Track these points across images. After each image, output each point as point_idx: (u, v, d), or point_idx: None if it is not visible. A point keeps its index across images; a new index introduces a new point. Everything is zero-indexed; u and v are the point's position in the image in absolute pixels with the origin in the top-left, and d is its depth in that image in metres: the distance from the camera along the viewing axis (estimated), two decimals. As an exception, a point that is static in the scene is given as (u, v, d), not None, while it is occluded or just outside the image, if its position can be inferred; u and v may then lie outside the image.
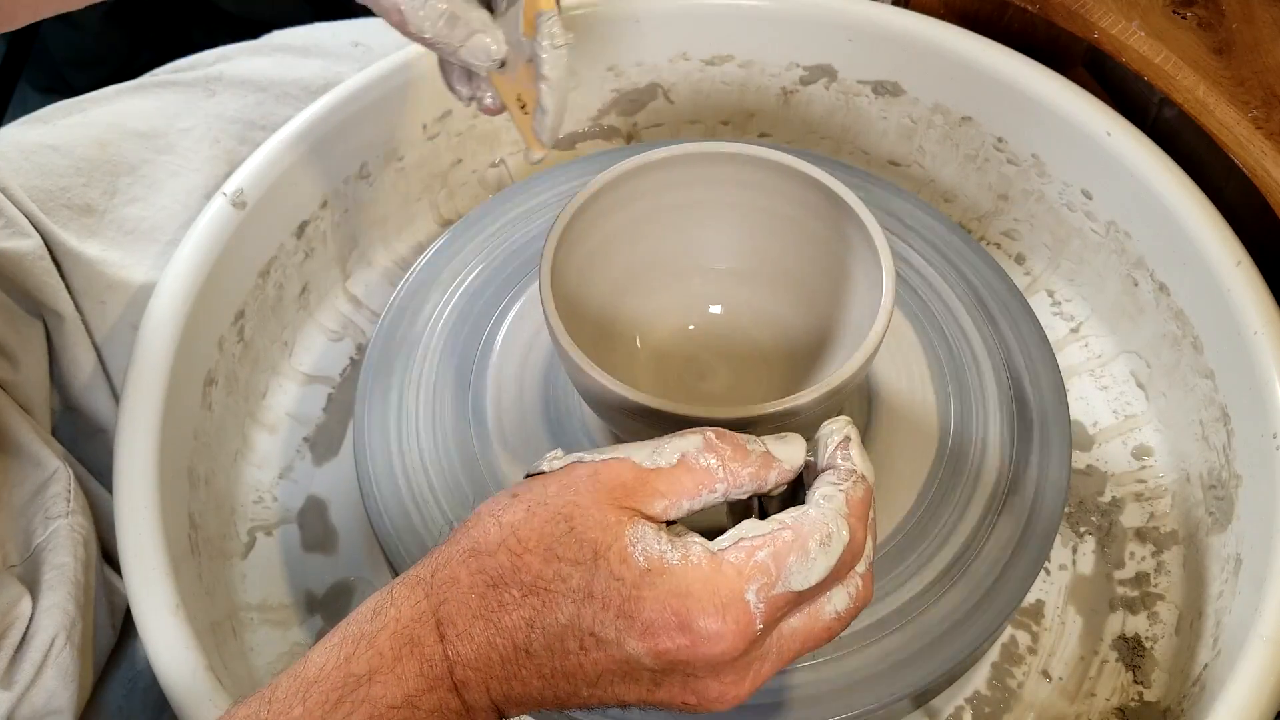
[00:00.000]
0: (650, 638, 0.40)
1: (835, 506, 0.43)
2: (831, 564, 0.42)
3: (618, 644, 0.41)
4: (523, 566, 0.41)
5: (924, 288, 0.67)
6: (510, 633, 0.41)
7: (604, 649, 0.41)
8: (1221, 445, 0.64)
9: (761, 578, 0.41)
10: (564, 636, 0.41)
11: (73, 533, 0.58)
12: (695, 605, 0.40)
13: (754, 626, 0.41)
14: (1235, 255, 0.63)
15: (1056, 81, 0.73)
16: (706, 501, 0.43)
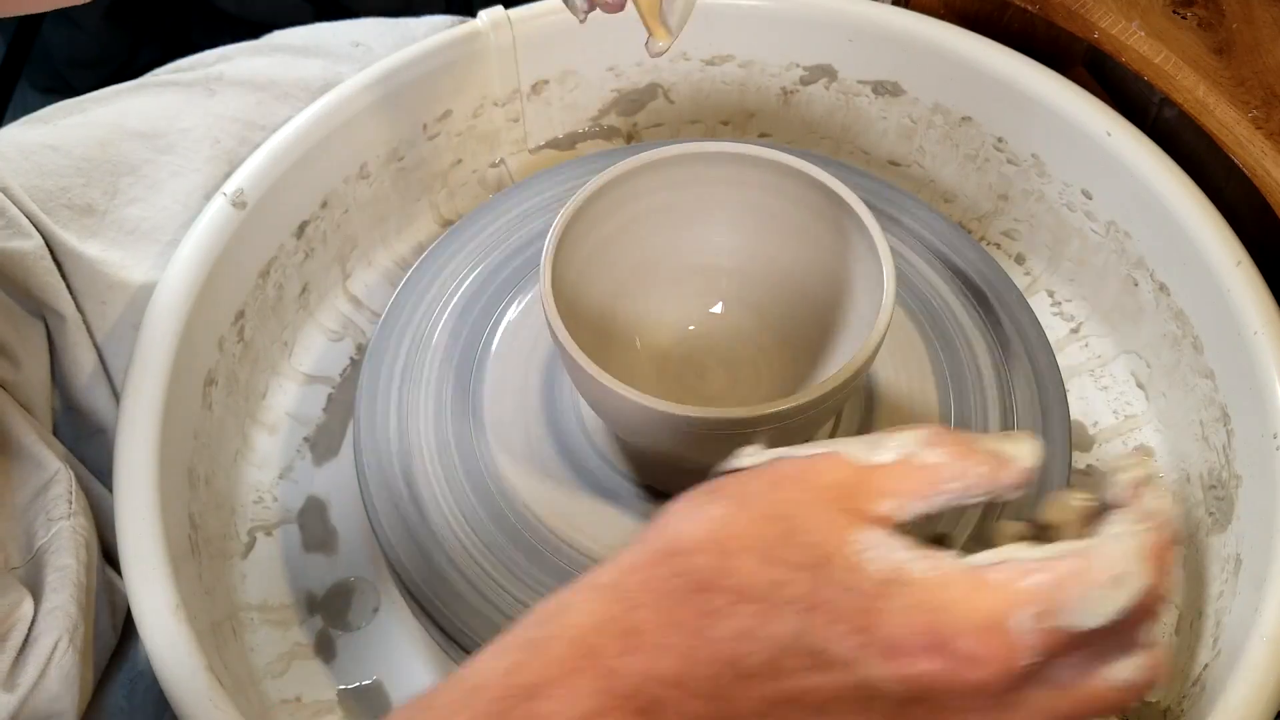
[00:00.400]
0: (895, 658, 0.34)
1: (1133, 546, 0.35)
2: (1122, 607, 0.34)
3: (853, 665, 0.34)
4: (732, 569, 0.35)
5: (924, 288, 0.67)
6: (718, 645, 0.34)
7: (834, 670, 0.34)
8: (1221, 445, 0.64)
9: (1035, 605, 0.34)
10: (785, 654, 0.34)
11: (75, 534, 0.58)
12: (951, 622, 0.34)
13: (1019, 659, 0.34)
14: (1235, 255, 0.63)
15: (1056, 81, 0.73)
16: (937, 504, 0.37)
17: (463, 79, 0.77)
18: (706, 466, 0.58)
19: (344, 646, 0.64)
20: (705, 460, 0.56)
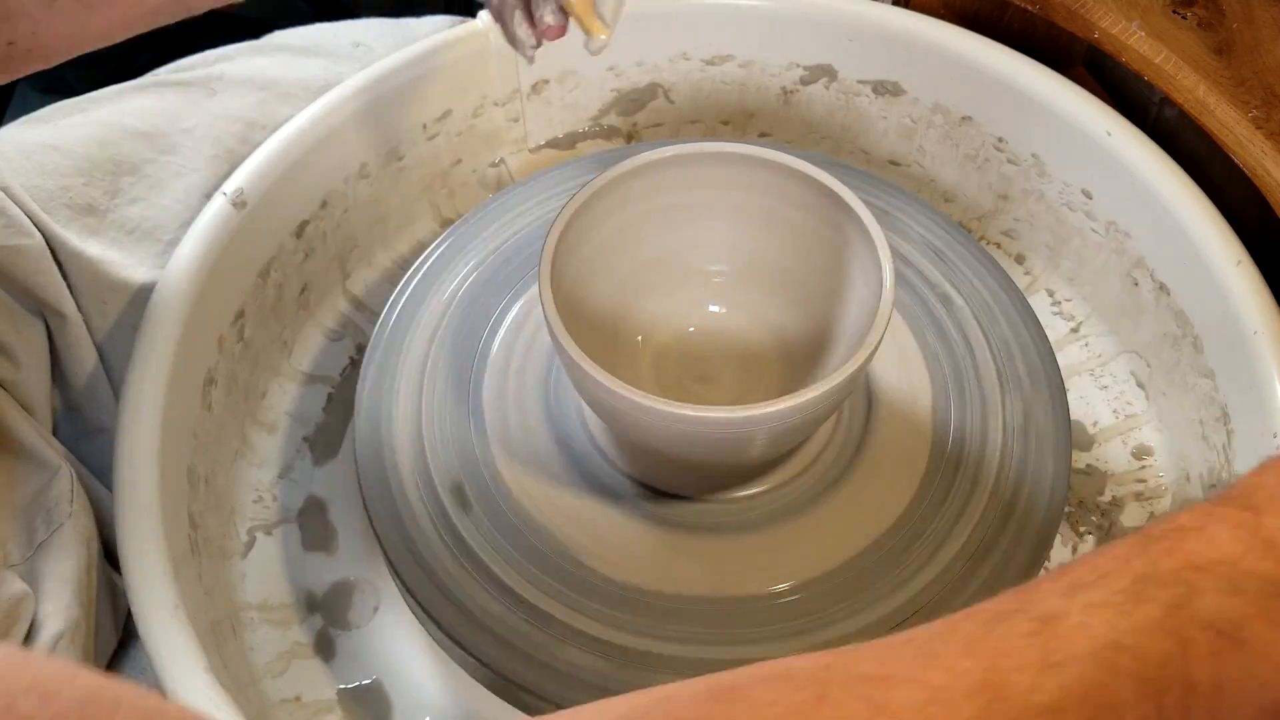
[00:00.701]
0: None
1: None
2: None
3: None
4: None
5: (924, 287, 0.67)
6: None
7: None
8: (1221, 445, 0.64)
9: None
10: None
11: (75, 533, 0.58)
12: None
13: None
14: (1235, 255, 0.63)
15: (1057, 81, 0.73)
16: None
17: (463, 79, 0.77)
18: (706, 466, 0.58)
19: (344, 646, 0.64)
20: (705, 460, 0.57)
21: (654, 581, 0.57)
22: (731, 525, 0.59)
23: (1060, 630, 0.31)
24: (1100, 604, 0.32)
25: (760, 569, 0.57)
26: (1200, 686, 0.31)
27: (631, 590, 0.56)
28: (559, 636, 0.55)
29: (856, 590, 0.56)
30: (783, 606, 0.56)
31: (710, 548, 0.58)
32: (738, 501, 0.60)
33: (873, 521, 0.58)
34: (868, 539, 0.58)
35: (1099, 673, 0.30)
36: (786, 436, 0.56)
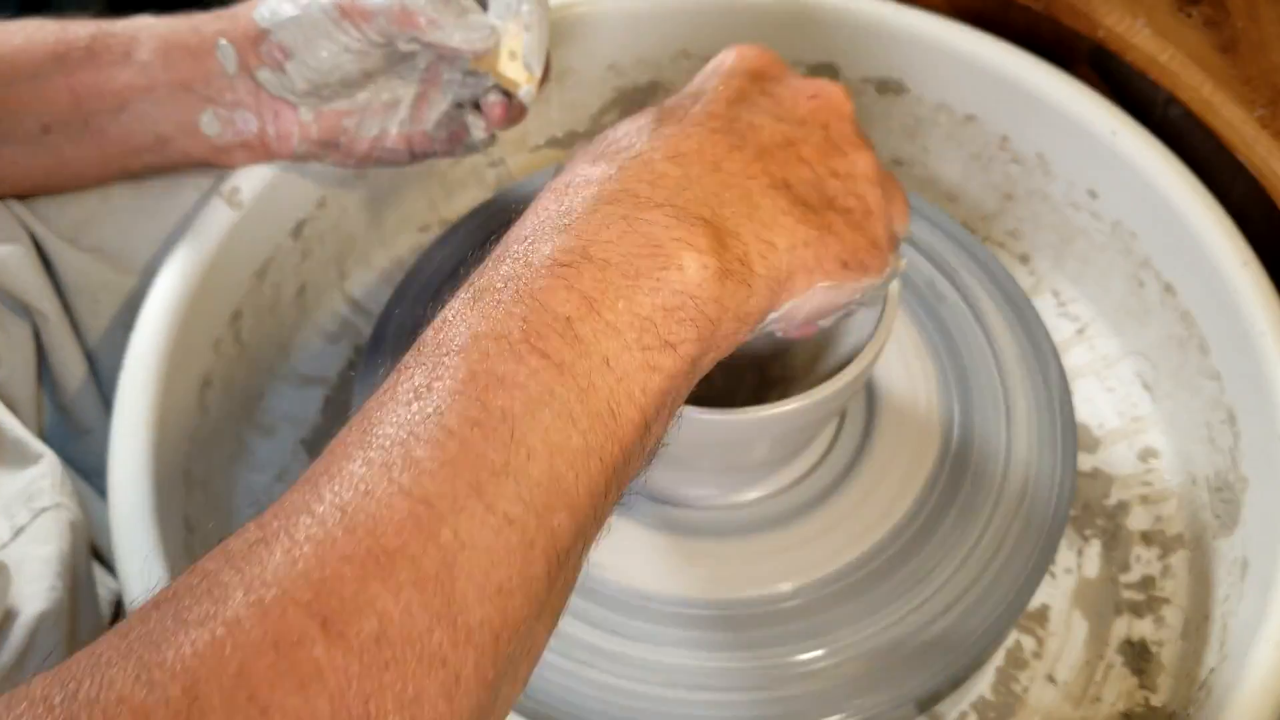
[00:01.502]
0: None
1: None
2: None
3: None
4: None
5: (927, 288, 0.67)
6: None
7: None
8: (1228, 447, 0.63)
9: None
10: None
11: (60, 521, 0.57)
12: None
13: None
14: (1242, 256, 0.63)
15: (1061, 80, 0.72)
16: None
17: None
18: (708, 468, 0.57)
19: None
20: (706, 462, 0.56)
21: (655, 585, 0.56)
22: (734, 528, 0.58)
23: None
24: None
25: (763, 572, 0.57)
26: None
27: (632, 594, 0.56)
28: (558, 641, 0.54)
29: (861, 594, 0.56)
30: (786, 610, 0.55)
31: (712, 550, 0.58)
32: (740, 504, 0.59)
33: (876, 525, 0.58)
34: (871, 542, 0.57)
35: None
36: (790, 439, 0.56)
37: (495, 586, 0.31)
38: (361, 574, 0.29)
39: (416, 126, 0.64)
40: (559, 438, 0.33)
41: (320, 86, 0.60)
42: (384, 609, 0.29)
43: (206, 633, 0.28)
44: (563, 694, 0.53)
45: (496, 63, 0.59)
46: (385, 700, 0.28)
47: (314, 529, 0.30)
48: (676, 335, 0.37)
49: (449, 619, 0.30)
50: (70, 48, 0.60)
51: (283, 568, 0.29)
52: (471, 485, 0.31)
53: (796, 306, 0.44)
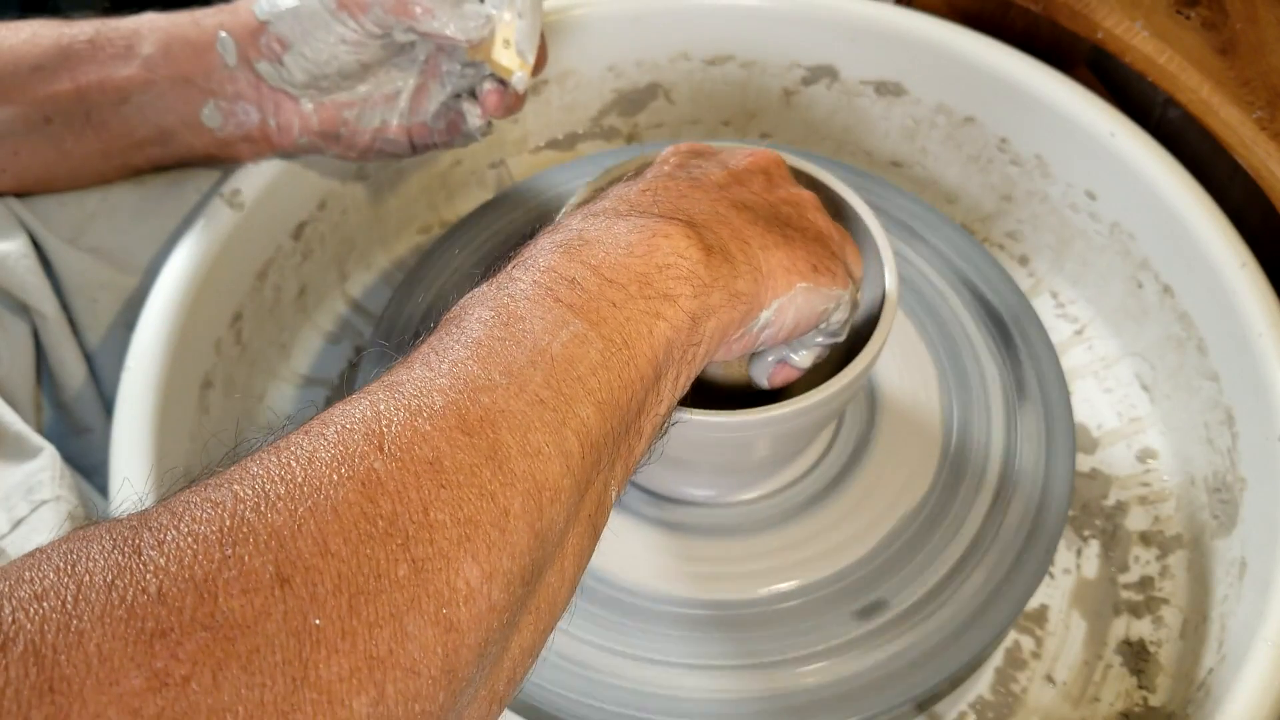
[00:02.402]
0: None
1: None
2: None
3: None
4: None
5: (926, 289, 0.67)
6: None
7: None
8: (1226, 448, 0.63)
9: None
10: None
11: (60, 514, 0.57)
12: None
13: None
14: (1240, 257, 0.63)
15: (1060, 82, 0.72)
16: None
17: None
18: (708, 468, 0.58)
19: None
20: (707, 462, 0.56)
21: (655, 584, 0.56)
22: (734, 528, 0.58)
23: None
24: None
25: (763, 572, 0.57)
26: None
27: (632, 593, 0.56)
28: (557, 639, 0.54)
29: (860, 593, 0.56)
30: (786, 610, 0.55)
31: (712, 550, 0.58)
32: (741, 504, 0.59)
33: (876, 525, 0.58)
34: (871, 542, 0.57)
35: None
36: (789, 440, 0.56)
37: (534, 448, 0.34)
38: (409, 418, 0.33)
39: (416, 118, 0.64)
40: (577, 350, 0.37)
41: (319, 78, 0.60)
42: (435, 443, 0.32)
43: (277, 454, 0.31)
44: (562, 693, 0.53)
45: (491, 51, 0.59)
46: (443, 512, 0.31)
47: (363, 399, 0.34)
48: (673, 289, 0.41)
49: (495, 461, 0.33)
50: (74, 41, 0.60)
51: (337, 418, 0.33)
52: (503, 371, 0.35)
53: (783, 306, 0.46)
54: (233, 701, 0.26)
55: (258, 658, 0.26)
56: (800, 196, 0.51)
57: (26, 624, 0.25)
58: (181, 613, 0.26)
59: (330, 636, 0.28)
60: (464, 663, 0.30)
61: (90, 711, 0.24)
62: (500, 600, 0.32)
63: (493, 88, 0.62)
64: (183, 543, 0.28)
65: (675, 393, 0.42)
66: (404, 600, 0.29)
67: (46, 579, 0.27)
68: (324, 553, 0.29)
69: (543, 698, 0.53)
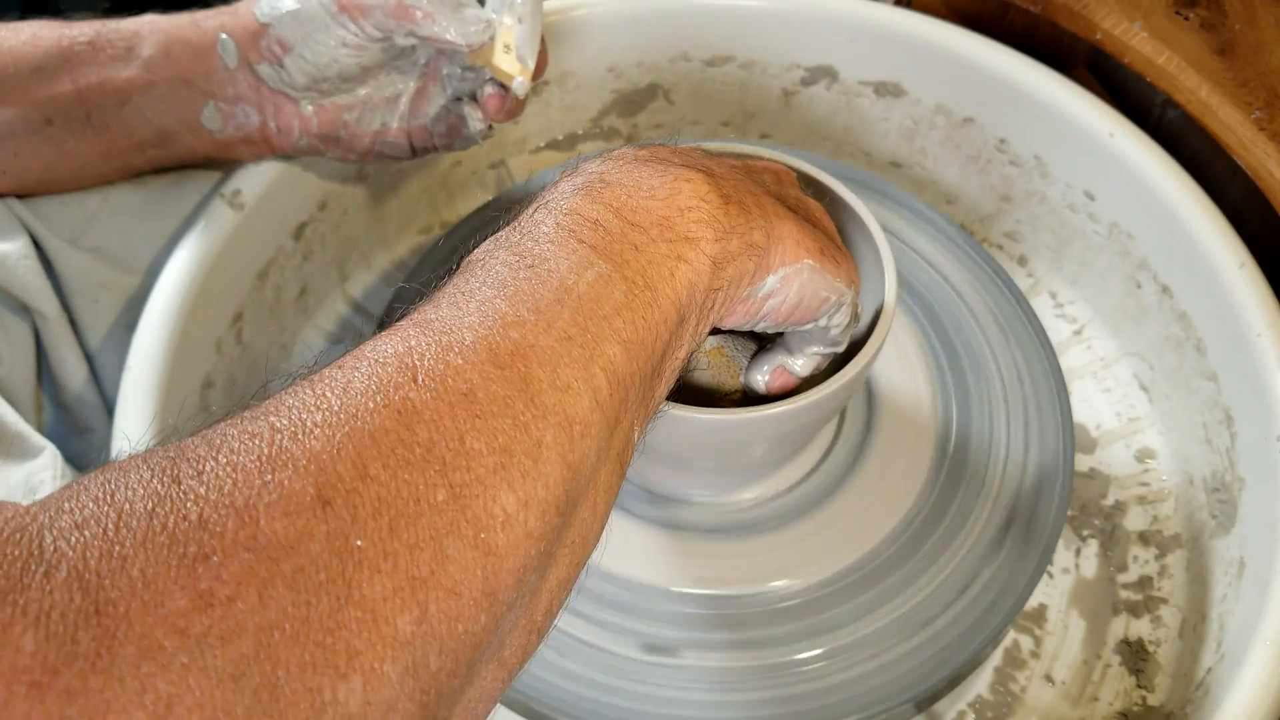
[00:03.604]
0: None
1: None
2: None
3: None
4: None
5: (926, 289, 0.67)
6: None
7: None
8: (1225, 448, 0.63)
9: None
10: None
11: None
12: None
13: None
14: (1239, 257, 0.63)
15: (1059, 82, 0.72)
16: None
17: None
18: (708, 468, 0.58)
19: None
20: (706, 462, 0.56)
21: (655, 584, 0.56)
22: (734, 527, 0.58)
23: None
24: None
25: (763, 572, 0.57)
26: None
27: (632, 592, 0.56)
28: (559, 640, 0.54)
29: (859, 594, 0.56)
30: (785, 610, 0.55)
31: (712, 549, 0.58)
32: (740, 503, 0.59)
33: (875, 525, 0.58)
34: (870, 542, 0.57)
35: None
36: (789, 439, 0.56)
37: (564, 383, 0.34)
38: (441, 353, 0.33)
39: (416, 120, 0.64)
40: (602, 290, 0.37)
41: (319, 81, 0.60)
42: (468, 376, 0.33)
43: (311, 386, 0.32)
44: (561, 692, 0.53)
45: (491, 55, 0.59)
46: (479, 440, 0.31)
47: (393, 335, 0.34)
48: (694, 233, 0.41)
49: (527, 394, 0.33)
50: (74, 43, 0.60)
51: (369, 354, 0.33)
52: (531, 308, 0.36)
53: (789, 276, 0.46)
54: (279, 619, 0.26)
55: (302, 577, 0.27)
56: (808, 201, 0.52)
57: (69, 551, 0.26)
58: (223, 536, 0.27)
59: (372, 557, 0.28)
60: (503, 587, 0.31)
61: (137, 632, 0.25)
62: (536, 528, 0.32)
63: (493, 92, 0.62)
64: (221, 472, 0.28)
65: (695, 338, 0.42)
66: (444, 524, 0.30)
67: (86, 508, 0.27)
68: (363, 476, 0.29)
69: (542, 697, 0.53)
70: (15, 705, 0.23)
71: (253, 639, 0.26)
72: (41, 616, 0.24)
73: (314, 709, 0.26)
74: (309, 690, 0.26)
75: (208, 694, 0.25)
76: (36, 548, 0.26)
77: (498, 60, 0.60)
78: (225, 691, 0.25)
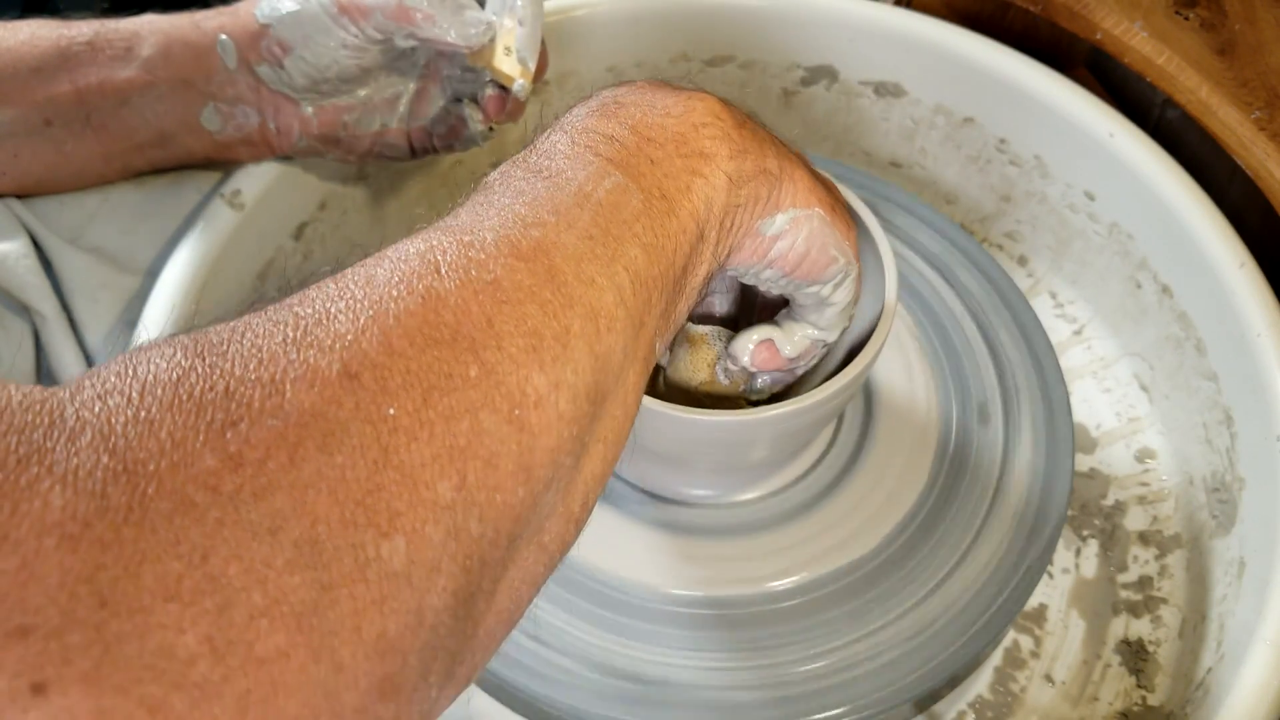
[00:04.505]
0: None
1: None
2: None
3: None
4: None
5: (926, 289, 0.67)
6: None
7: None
8: (1225, 448, 0.63)
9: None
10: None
11: None
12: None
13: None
14: (1238, 257, 0.63)
15: (1059, 82, 0.72)
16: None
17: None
18: (707, 468, 0.58)
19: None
20: (706, 462, 0.56)
21: (654, 585, 0.56)
22: (733, 528, 0.58)
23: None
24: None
25: (762, 572, 0.57)
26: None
27: (632, 594, 0.56)
28: (558, 640, 0.54)
29: (859, 594, 0.56)
30: (785, 610, 0.55)
31: (711, 549, 0.58)
32: (740, 504, 0.59)
33: (875, 525, 0.58)
34: (870, 543, 0.57)
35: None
36: (788, 440, 0.56)
37: (588, 277, 0.35)
38: (463, 249, 0.33)
39: (416, 121, 0.64)
40: (620, 197, 0.38)
41: (319, 82, 0.60)
42: (491, 267, 0.33)
43: (334, 281, 0.32)
44: (561, 691, 0.53)
45: (492, 58, 0.59)
46: (507, 324, 0.32)
47: (413, 238, 0.34)
48: (710, 149, 0.41)
49: (552, 285, 0.34)
50: (73, 43, 0.60)
51: (389, 253, 0.33)
52: (550, 210, 0.36)
53: (798, 220, 0.45)
54: (314, 479, 0.26)
55: (333, 441, 0.27)
56: (821, 172, 0.51)
57: (92, 418, 0.25)
58: (251, 405, 0.27)
59: (407, 425, 0.28)
60: (539, 464, 0.31)
61: (168, 489, 0.25)
62: (568, 411, 0.32)
63: (494, 94, 0.62)
64: (246, 351, 0.28)
65: (716, 259, 0.43)
66: (478, 398, 0.30)
67: (108, 381, 0.27)
68: (390, 352, 0.29)
69: (542, 696, 0.53)
70: (47, 557, 0.23)
71: (287, 495, 0.26)
72: (69, 475, 0.24)
73: (358, 564, 0.26)
74: (351, 546, 0.26)
75: (244, 545, 0.25)
76: (58, 416, 0.25)
77: (498, 63, 0.60)
78: (262, 544, 0.25)
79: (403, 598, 0.27)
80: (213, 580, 0.24)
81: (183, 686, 0.23)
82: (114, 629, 0.22)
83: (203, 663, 0.23)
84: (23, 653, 0.21)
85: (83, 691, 0.22)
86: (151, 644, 0.23)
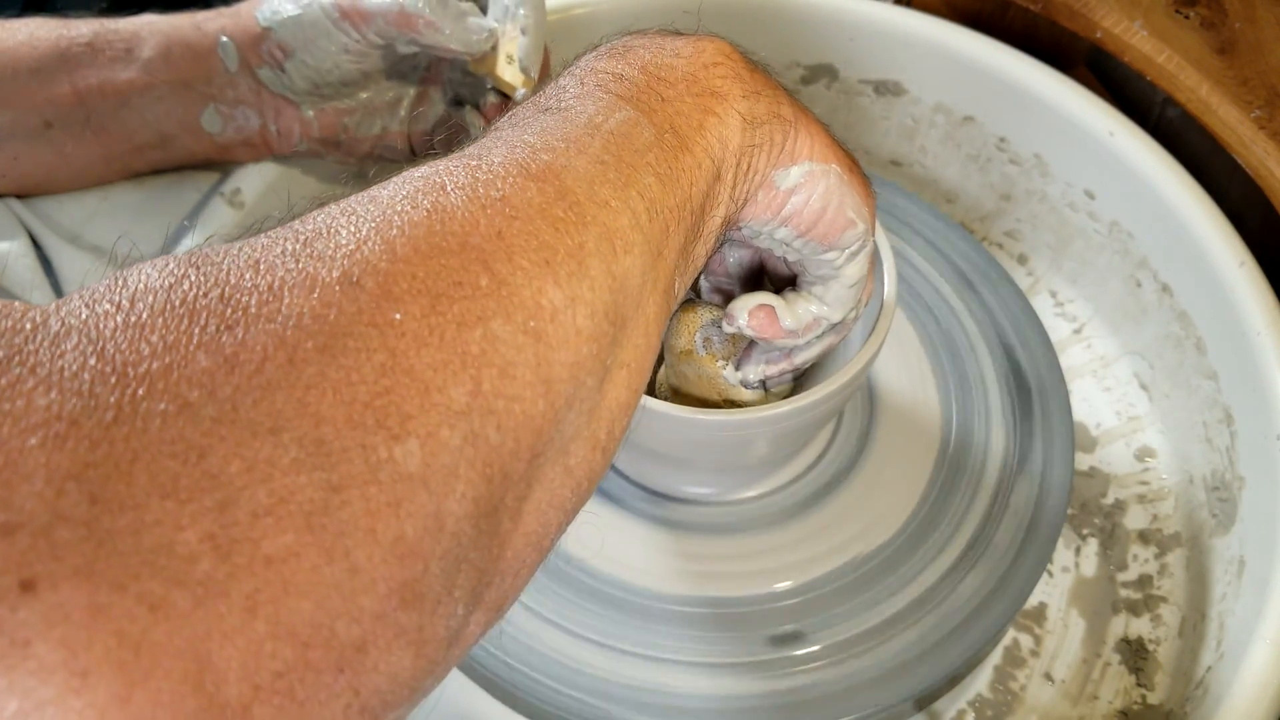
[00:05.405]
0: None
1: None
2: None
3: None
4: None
5: (925, 288, 0.67)
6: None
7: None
8: (1225, 447, 0.63)
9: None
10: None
11: None
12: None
13: None
14: (1238, 256, 0.63)
15: (1059, 81, 0.72)
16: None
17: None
18: (707, 467, 0.58)
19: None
20: (706, 460, 0.56)
21: (654, 583, 0.56)
22: (733, 526, 0.59)
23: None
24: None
25: (762, 570, 0.57)
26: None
27: (632, 592, 0.56)
28: (558, 639, 0.54)
29: (859, 592, 0.56)
30: (785, 608, 0.55)
31: (711, 548, 0.58)
32: (741, 503, 0.59)
33: (875, 523, 0.58)
34: (870, 541, 0.57)
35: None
36: (789, 439, 0.56)
37: (601, 199, 0.34)
38: (470, 172, 0.32)
39: (417, 125, 0.64)
40: (631, 129, 0.37)
41: (320, 85, 0.60)
42: (500, 186, 0.32)
43: (337, 203, 0.31)
44: (560, 691, 0.53)
45: (495, 66, 0.59)
46: (518, 238, 0.31)
47: (420, 165, 0.34)
48: (721, 88, 0.40)
49: (564, 203, 0.33)
50: (72, 44, 0.60)
51: (395, 178, 0.33)
52: (560, 138, 0.35)
53: (814, 175, 0.44)
54: (316, 380, 0.25)
55: (336, 344, 0.26)
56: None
57: (78, 324, 0.24)
58: (247, 310, 0.26)
59: (415, 329, 0.27)
60: (558, 378, 0.30)
61: (159, 389, 0.24)
62: (586, 327, 0.31)
63: (496, 101, 0.62)
64: (243, 263, 0.27)
65: (733, 201, 0.41)
66: (491, 307, 0.29)
67: (97, 292, 0.26)
68: (393, 258, 0.28)
69: (542, 695, 0.53)
70: (32, 455, 0.22)
71: (287, 395, 0.25)
72: (53, 375, 0.23)
73: (369, 465, 0.25)
74: (361, 447, 0.25)
75: (244, 444, 0.24)
76: (42, 323, 0.24)
77: (501, 71, 0.60)
78: (264, 443, 0.24)
79: (419, 500, 0.26)
80: (212, 478, 0.23)
81: (185, 584, 0.22)
82: (106, 524, 0.22)
83: (205, 560, 0.22)
84: (8, 550, 0.21)
85: (75, 586, 0.21)
86: (148, 540, 0.22)
